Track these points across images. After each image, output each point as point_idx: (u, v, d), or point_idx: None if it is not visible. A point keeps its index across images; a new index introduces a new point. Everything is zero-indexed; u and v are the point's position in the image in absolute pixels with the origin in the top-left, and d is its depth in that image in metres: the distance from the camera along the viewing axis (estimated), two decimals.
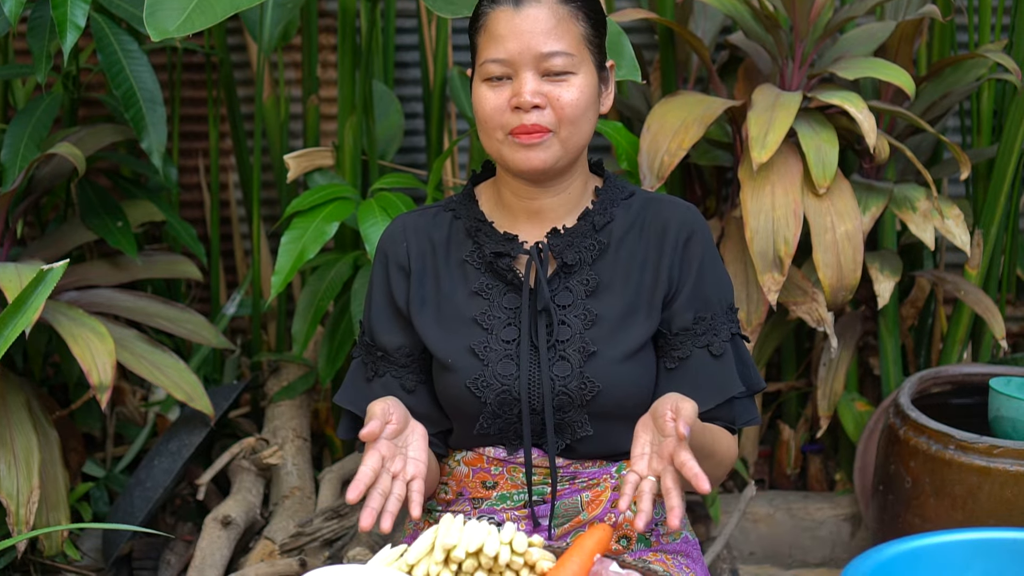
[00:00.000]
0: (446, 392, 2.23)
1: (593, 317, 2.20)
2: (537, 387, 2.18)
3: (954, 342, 3.54)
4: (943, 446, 2.95)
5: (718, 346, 2.22)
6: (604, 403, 2.18)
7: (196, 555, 3.06)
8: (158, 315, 3.41)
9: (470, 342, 2.20)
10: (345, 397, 2.33)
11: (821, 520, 3.60)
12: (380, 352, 2.28)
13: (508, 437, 2.22)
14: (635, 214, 2.27)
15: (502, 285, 2.24)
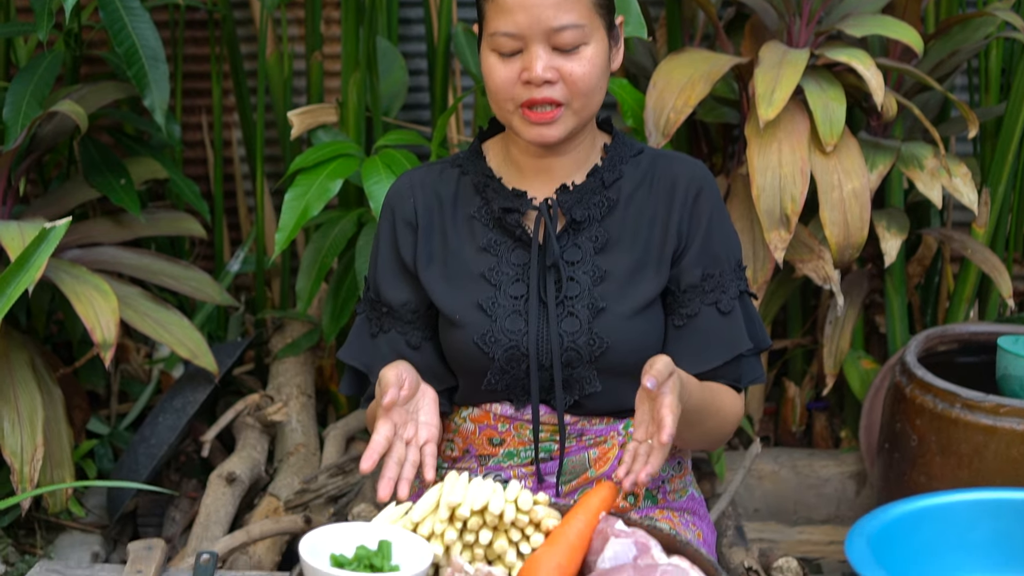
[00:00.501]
0: (453, 348, 2.22)
1: (602, 273, 2.19)
2: (545, 343, 2.17)
3: (961, 300, 3.53)
4: (949, 405, 2.94)
5: (726, 303, 2.21)
6: (612, 359, 2.17)
7: (200, 512, 3.06)
8: (162, 272, 3.40)
9: (478, 298, 2.19)
10: (349, 353, 2.32)
11: (826, 477, 3.60)
12: (385, 308, 2.27)
13: (516, 393, 2.22)
14: (644, 171, 2.26)
15: (510, 241, 2.23)
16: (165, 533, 3.32)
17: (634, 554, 1.85)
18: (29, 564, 3.20)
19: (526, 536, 1.90)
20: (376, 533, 1.86)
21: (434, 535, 1.88)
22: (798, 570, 3.02)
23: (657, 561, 1.80)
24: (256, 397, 3.41)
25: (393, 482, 1.94)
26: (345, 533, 1.85)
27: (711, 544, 2.35)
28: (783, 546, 3.49)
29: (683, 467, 2.36)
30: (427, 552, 1.81)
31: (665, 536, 1.93)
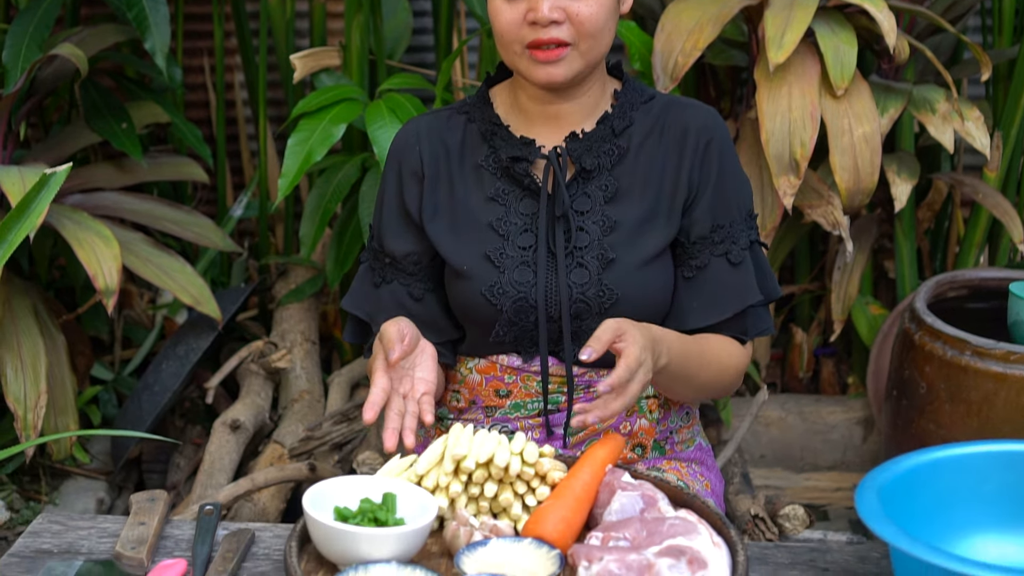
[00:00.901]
0: (461, 299, 2.19)
1: (612, 223, 2.16)
2: (554, 294, 2.14)
3: (971, 246, 3.49)
4: (959, 352, 2.92)
5: (736, 254, 2.18)
6: (622, 310, 2.14)
7: (205, 459, 3.05)
8: (164, 218, 3.37)
9: (485, 248, 2.16)
10: (352, 302, 2.30)
11: (833, 424, 3.58)
12: (388, 259, 2.24)
13: (524, 345, 2.19)
14: (655, 118, 2.21)
15: (518, 190, 2.19)
16: (169, 480, 3.31)
17: (641, 507, 1.83)
18: (34, 511, 3.19)
19: (532, 489, 1.88)
20: (380, 486, 1.84)
21: (439, 488, 1.85)
22: (804, 517, 3.01)
23: (664, 514, 1.78)
24: (260, 344, 3.39)
25: (397, 432, 1.93)
26: (349, 486, 1.83)
27: (719, 494, 2.34)
28: (789, 493, 3.49)
29: (691, 417, 2.34)
30: (432, 505, 1.79)
31: (672, 489, 1.91)
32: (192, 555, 1.86)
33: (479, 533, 1.79)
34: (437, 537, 1.85)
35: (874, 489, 1.73)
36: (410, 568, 1.69)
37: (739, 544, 1.74)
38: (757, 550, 1.90)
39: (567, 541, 1.79)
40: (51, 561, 1.85)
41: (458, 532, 1.79)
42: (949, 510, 1.82)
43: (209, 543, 1.88)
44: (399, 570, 1.69)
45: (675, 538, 1.70)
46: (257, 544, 1.92)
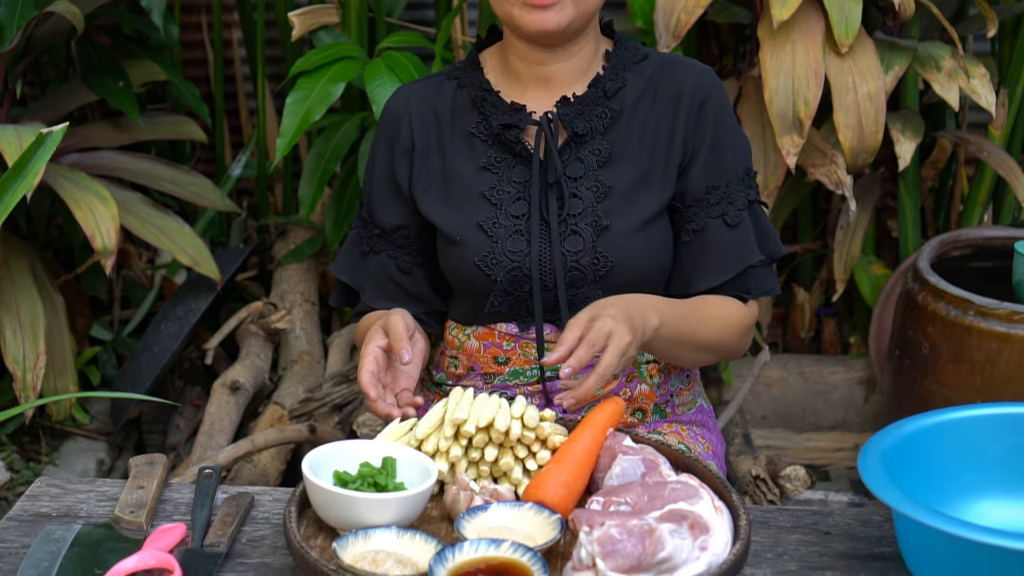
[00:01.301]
0: (454, 269, 2.17)
1: (606, 189, 2.13)
2: (548, 263, 2.12)
3: (975, 204, 3.47)
4: (962, 312, 2.90)
5: (733, 215, 2.15)
6: (618, 278, 2.12)
7: (205, 420, 3.04)
8: (162, 177, 3.35)
9: (478, 218, 2.13)
10: (340, 268, 2.28)
11: (835, 384, 3.57)
12: (377, 230, 2.22)
13: (520, 314, 2.17)
14: (648, 78, 2.18)
15: (511, 158, 2.16)
16: (169, 441, 3.30)
17: (642, 471, 1.81)
18: (34, 471, 3.19)
19: (532, 453, 1.86)
20: (380, 450, 1.82)
21: (439, 452, 1.84)
22: (805, 478, 3.01)
23: (665, 478, 1.77)
24: (259, 305, 3.37)
25: (394, 407, 1.93)
26: (349, 450, 1.82)
27: (720, 456, 2.32)
28: (790, 453, 3.48)
29: (692, 380, 2.32)
30: (432, 470, 1.77)
31: (674, 452, 1.90)
32: (191, 519, 1.85)
33: (479, 498, 1.78)
34: (437, 501, 1.84)
35: (877, 453, 1.72)
36: (410, 533, 1.68)
37: (741, 508, 1.73)
38: (759, 513, 1.89)
39: (568, 506, 1.78)
40: (49, 525, 1.84)
41: (458, 497, 1.78)
42: (952, 474, 1.81)
43: (208, 507, 1.87)
44: (399, 535, 1.68)
45: (677, 503, 1.68)
46: (256, 508, 1.91)
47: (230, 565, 1.76)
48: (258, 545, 1.81)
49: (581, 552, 1.59)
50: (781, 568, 1.76)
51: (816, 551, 1.80)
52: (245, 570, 1.75)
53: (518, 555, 1.62)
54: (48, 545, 1.78)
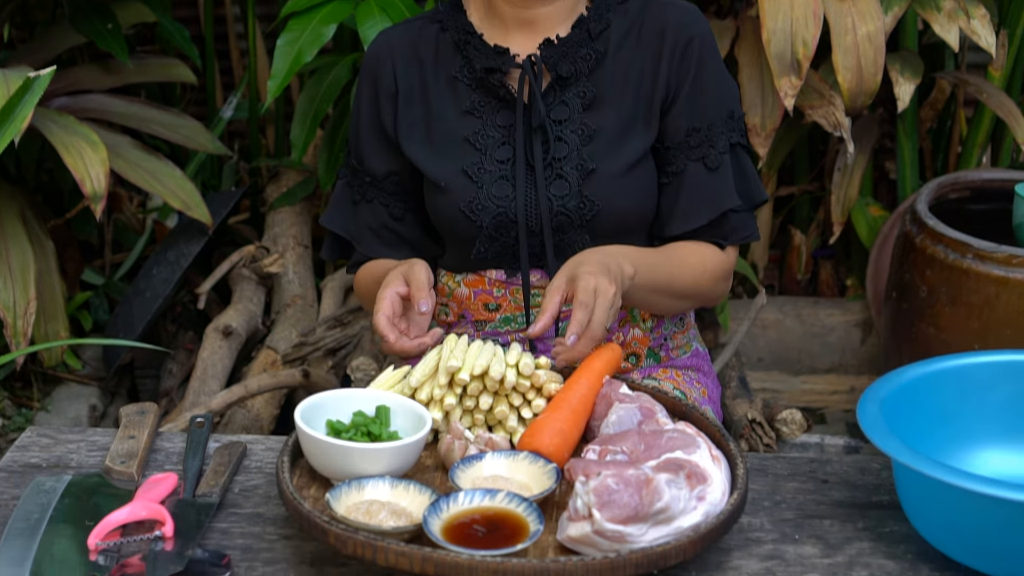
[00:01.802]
0: (440, 215, 2.14)
1: (591, 132, 2.09)
2: (534, 208, 2.08)
3: (973, 146, 3.44)
4: (961, 255, 2.88)
5: (714, 158, 2.11)
6: (604, 222, 2.09)
7: (197, 365, 3.02)
8: (152, 121, 3.31)
9: (463, 164, 2.10)
10: (331, 219, 2.25)
11: (831, 326, 3.55)
12: (368, 178, 2.19)
13: (507, 260, 2.14)
14: (632, 19, 2.13)
15: (494, 102, 2.12)
16: (162, 386, 3.28)
17: (639, 419, 1.79)
18: (26, 417, 3.17)
19: (528, 401, 1.84)
20: (373, 399, 1.80)
21: (433, 401, 1.82)
22: (802, 421, 2.99)
23: (662, 427, 1.75)
24: (251, 248, 3.34)
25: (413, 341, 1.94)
26: (342, 399, 1.80)
27: (716, 401, 2.31)
28: (786, 396, 3.47)
29: (685, 323, 2.30)
30: (426, 419, 1.75)
31: (670, 400, 1.88)
32: (183, 468, 1.83)
33: (474, 447, 1.76)
34: (431, 450, 1.83)
35: (876, 401, 1.70)
36: (404, 483, 1.66)
37: (738, 457, 1.71)
38: (756, 461, 1.88)
39: (564, 455, 1.76)
40: (40, 476, 1.82)
41: (453, 446, 1.76)
42: (952, 422, 1.79)
43: (200, 456, 1.85)
44: (393, 485, 1.66)
45: (673, 452, 1.67)
46: (249, 457, 1.89)
47: (222, 515, 1.74)
48: (251, 495, 1.80)
49: (577, 502, 1.58)
50: (778, 516, 1.75)
51: (814, 499, 1.79)
52: (238, 520, 1.73)
53: (513, 505, 1.61)
54: (38, 496, 1.76)
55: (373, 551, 1.53)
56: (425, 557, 1.51)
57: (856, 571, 1.63)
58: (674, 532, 1.58)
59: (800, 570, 1.64)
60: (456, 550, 1.51)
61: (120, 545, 1.66)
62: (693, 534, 1.56)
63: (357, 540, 1.54)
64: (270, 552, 1.66)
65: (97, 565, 1.62)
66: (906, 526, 1.70)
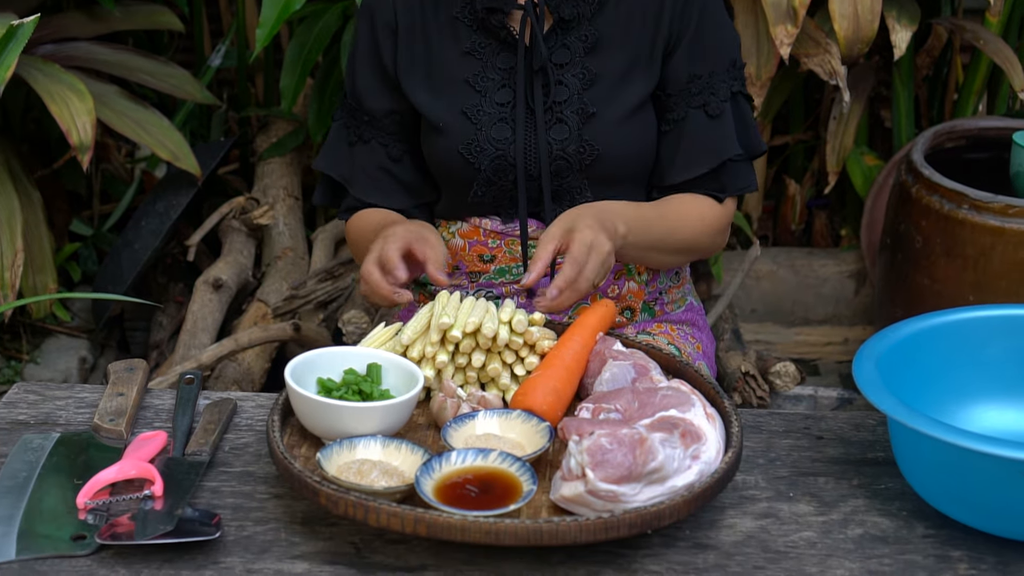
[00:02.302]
0: (437, 157, 2.11)
1: (592, 76, 2.08)
2: (533, 151, 2.07)
3: (970, 93, 3.40)
4: (956, 205, 2.85)
5: (715, 106, 2.09)
6: (604, 167, 2.08)
7: (187, 319, 2.99)
8: (139, 69, 3.26)
9: (462, 105, 2.08)
10: (325, 163, 2.22)
11: (825, 277, 3.53)
12: (367, 117, 2.16)
13: (503, 206, 2.12)
14: None
15: (495, 44, 2.10)
16: (152, 338, 3.26)
17: (632, 376, 1.78)
18: (15, 370, 3.15)
19: (521, 358, 1.82)
20: (365, 356, 1.78)
21: (425, 358, 1.80)
22: (795, 374, 2.98)
23: (656, 384, 1.73)
24: (241, 200, 3.30)
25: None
26: (333, 357, 1.78)
27: (710, 356, 2.29)
28: (780, 348, 3.45)
29: (680, 276, 2.28)
30: (418, 376, 1.73)
31: (664, 356, 1.86)
32: (172, 426, 1.81)
33: (466, 405, 1.75)
34: (423, 408, 1.81)
35: (872, 358, 1.68)
36: (396, 442, 1.65)
37: (733, 415, 1.70)
38: (751, 418, 1.87)
39: (557, 413, 1.75)
40: (27, 434, 1.80)
41: (445, 404, 1.74)
42: (949, 377, 1.78)
43: (190, 414, 1.83)
44: (384, 445, 1.65)
45: (668, 410, 1.65)
46: (239, 414, 1.87)
47: (213, 474, 1.73)
48: (241, 453, 1.78)
49: (570, 462, 1.56)
50: (773, 474, 1.74)
51: (808, 456, 1.78)
52: (228, 479, 1.72)
53: (506, 465, 1.59)
54: (26, 455, 1.75)
55: (365, 511, 1.51)
56: (417, 518, 1.49)
57: (851, 529, 1.63)
58: (668, 491, 1.56)
59: (794, 528, 1.63)
60: (448, 511, 1.50)
61: (109, 504, 1.64)
62: (687, 493, 1.55)
63: (348, 500, 1.52)
64: (261, 511, 1.65)
65: (86, 524, 1.61)
66: (901, 483, 1.69)
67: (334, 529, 1.61)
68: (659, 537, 1.60)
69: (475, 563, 1.55)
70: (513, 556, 1.56)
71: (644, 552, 1.58)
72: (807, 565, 1.56)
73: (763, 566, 1.56)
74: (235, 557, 1.57)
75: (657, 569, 1.55)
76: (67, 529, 1.60)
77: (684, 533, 1.61)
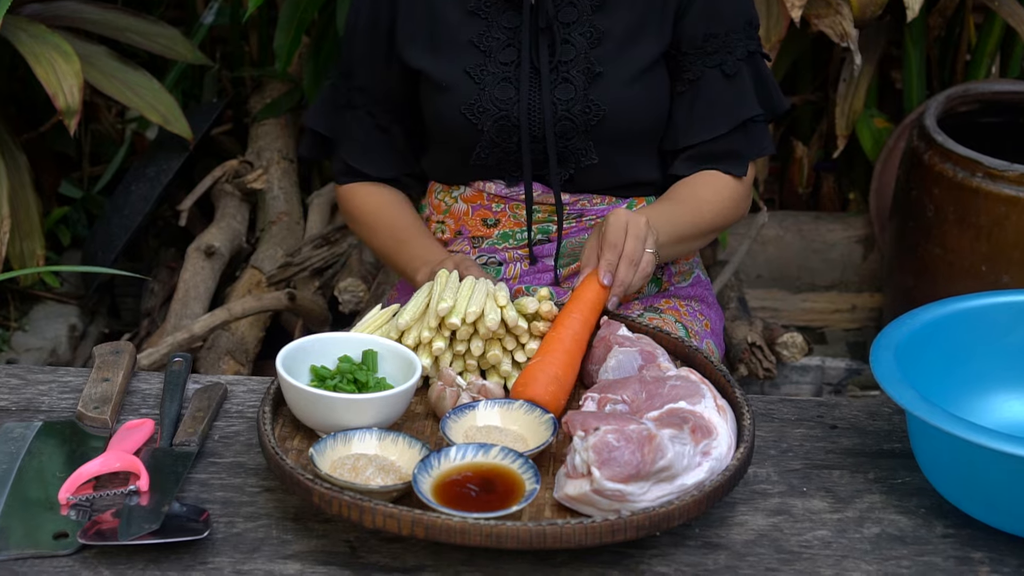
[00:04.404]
0: (440, 118, 2.04)
1: (599, 34, 2.00)
2: (538, 112, 2.00)
3: (983, 55, 3.31)
4: (970, 173, 2.78)
5: (731, 65, 2.03)
6: (610, 129, 2.01)
7: (179, 287, 2.92)
8: (129, 29, 3.17)
9: (465, 65, 2.01)
10: (315, 119, 2.17)
11: (832, 242, 3.45)
12: (359, 84, 2.08)
13: (507, 168, 2.05)
14: None
15: (500, 3, 2.03)
16: (144, 305, 3.18)
17: (639, 364, 1.70)
18: (3, 338, 3.08)
19: (521, 344, 1.75)
20: (360, 343, 1.70)
21: (421, 344, 1.72)
22: (803, 344, 2.91)
23: (664, 373, 1.65)
24: (234, 163, 3.21)
25: None
26: (327, 343, 1.70)
27: (718, 333, 2.22)
28: (786, 315, 3.38)
29: None
30: (416, 364, 1.66)
31: (672, 341, 1.79)
32: (160, 413, 1.74)
33: (466, 395, 1.67)
34: (422, 396, 1.73)
35: (891, 348, 1.61)
36: (392, 435, 1.58)
37: (744, 405, 1.62)
38: (762, 405, 1.79)
39: (560, 402, 1.67)
40: (8, 422, 1.73)
41: (444, 394, 1.67)
42: (967, 365, 1.71)
43: (178, 400, 1.76)
44: (380, 438, 1.57)
45: (677, 402, 1.58)
46: (230, 400, 1.80)
47: (201, 466, 1.66)
48: (231, 442, 1.71)
49: (575, 459, 1.49)
50: (785, 467, 1.67)
51: (822, 447, 1.71)
52: (217, 470, 1.65)
53: (508, 462, 1.52)
54: (6, 445, 1.68)
55: (360, 512, 1.45)
56: (415, 520, 1.42)
57: (867, 527, 1.56)
58: (677, 490, 1.49)
59: (808, 526, 1.56)
60: (447, 512, 1.43)
61: (92, 499, 1.58)
62: (697, 493, 1.48)
63: (343, 500, 1.45)
64: (251, 506, 1.58)
65: (68, 520, 1.54)
66: (918, 477, 1.63)
67: (328, 526, 1.54)
68: (667, 536, 1.53)
69: (475, 563, 1.49)
70: (515, 556, 1.49)
71: (652, 552, 1.51)
72: (822, 567, 1.49)
73: (776, 568, 1.49)
74: (224, 557, 1.50)
75: (665, 571, 1.49)
76: (48, 526, 1.53)
77: (693, 532, 1.55)
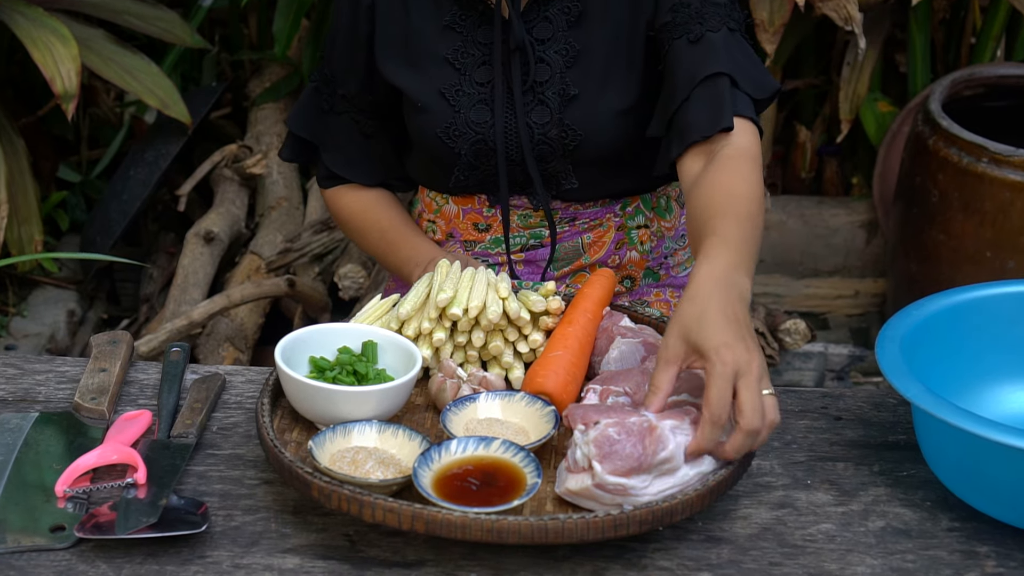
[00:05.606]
0: (420, 137, 1.97)
1: (575, 52, 1.91)
2: (514, 136, 1.92)
3: (988, 38, 3.29)
4: (975, 159, 2.76)
5: (696, 31, 1.83)
6: (589, 153, 1.93)
7: (178, 273, 2.90)
8: (126, 11, 3.14)
9: (440, 85, 1.93)
10: (298, 123, 2.07)
11: (835, 227, 3.43)
12: (341, 91, 2.02)
13: (489, 189, 2.00)
14: None
15: (475, 16, 1.93)
16: (143, 291, 3.17)
17: (642, 355, 1.69)
18: (1, 323, 3.06)
19: (524, 336, 1.73)
20: (359, 333, 1.69)
21: (422, 335, 1.70)
22: (805, 331, 2.90)
23: None
24: (234, 148, 3.20)
25: None
26: (326, 334, 1.68)
27: None
28: (788, 300, 3.36)
29: (687, 238, 2.16)
30: (416, 356, 1.64)
31: None
32: (158, 405, 1.72)
33: (467, 386, 1.65)
34: (422, 388, 1.71)
35: (896, 340, 1.59)
36: (392, 428, 1.56)
37: None
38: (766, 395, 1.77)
39: (573, 395, 1.65)
40: (4, 412, 1.71)
41: (444, 385, 1.65)
42: (976, 356, 1.69)
43: (176, 391, 1.74)
44: (380, 430, 1.56)
45: (679, 394, 1.56)
46: (228, 391, 1.78)
47: (199, 457, 1.64)
48: (230, 434, 1.69)
49: (576, 453, 1.48)
50: (789, 459, 1.65)
51: (826, 439, 1.69)
52: (216, 462, 1.63)
53: (509, 455, 1.51)
54: (2, 436, 1.66)
55: (359, 506, 1.43)
56: (415, 514, 1.41)
57: (872, 521, 1.54)
58: (680, 481, 1.48)
59: (812, 520, 1.54)
60: (448, 507, 1.41)
61: (90, 492, 1.56)
62: (701, 487, 1.46)
63: (342, 494, 1.44)
64: (250, 499, 1.57)
65: (65, 513, 1.52)
66: (924, 470, 1.61)
67: (327, 519, 1.52)
68: (670, 529, 1.51)
69: (476, 558, 1.47)
70: (516, 551, 1.47)
71: (654, 546, 1.49)
72: (826, 561, 1.48)
73: (780, 562, 1.48)
74: (222, 551, 1.48)
75: (668, 565, 1.47)
76: (45, 519, 1.52)
77: (696, 525, 1.53)
